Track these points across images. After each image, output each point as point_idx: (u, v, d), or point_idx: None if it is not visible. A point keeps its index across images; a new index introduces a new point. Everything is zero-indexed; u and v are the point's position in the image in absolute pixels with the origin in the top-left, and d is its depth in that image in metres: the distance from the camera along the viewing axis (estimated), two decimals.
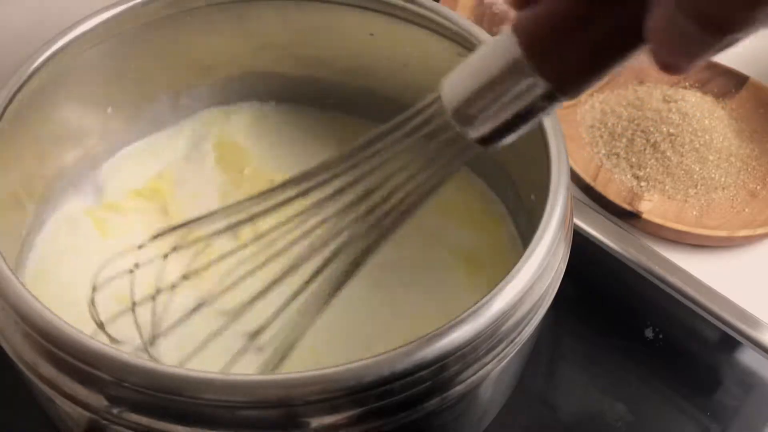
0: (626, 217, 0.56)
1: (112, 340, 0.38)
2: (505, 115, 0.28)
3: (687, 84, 0.65)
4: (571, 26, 0.25)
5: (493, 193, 0.52)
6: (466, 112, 0.28)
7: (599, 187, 0.57)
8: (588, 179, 0.57)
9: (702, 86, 0.65)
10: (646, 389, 0.50)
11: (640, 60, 0.28)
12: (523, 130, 0.28)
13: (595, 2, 0.24)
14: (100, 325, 0.38)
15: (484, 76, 0.27)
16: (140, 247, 0.36)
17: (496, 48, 0.27)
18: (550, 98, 0.26)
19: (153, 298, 0.37)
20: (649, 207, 0.56)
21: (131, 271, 0.37)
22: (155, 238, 0.36)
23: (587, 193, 0.58)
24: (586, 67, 0.26)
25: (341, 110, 0.57)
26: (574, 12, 0.25)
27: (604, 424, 0.48)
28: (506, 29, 0.27)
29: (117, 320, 0.38)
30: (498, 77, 0.27)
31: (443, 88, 0.29)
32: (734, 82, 0.65)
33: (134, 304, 0.37)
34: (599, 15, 0.24)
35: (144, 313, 0.37)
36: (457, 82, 0.28)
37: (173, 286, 0.37)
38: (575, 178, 0.58)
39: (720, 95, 0.64)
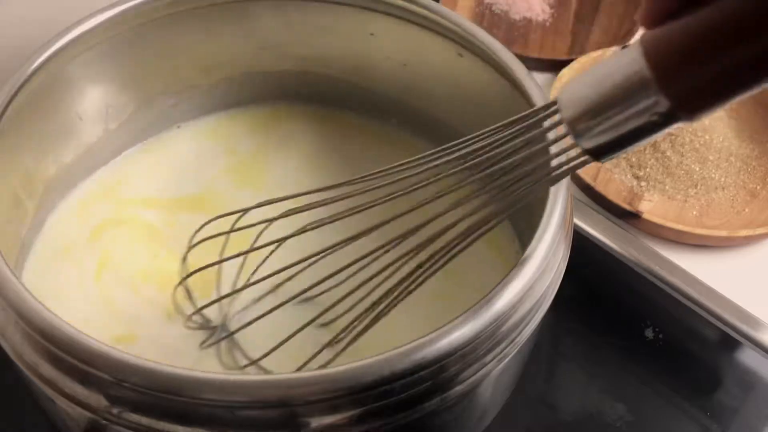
0: (626, 217, 0.56)
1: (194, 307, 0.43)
2: (622, 130, 0.27)
3: None
4: (708, 48, 0.24)
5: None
6: (582, 123, 0.28)
7: (599, 187, 0.57)
8: (588, 179, 0.57)
9: None
10: (646, 389, 0.50)
11: None
12: (638, 145, 0.28)
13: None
14: (183, 279, 0.43)
15: (606, 89, 0.27)
16: (246, 210, 0.41)
17: (622, 62, 0.27)
18: (672, 118, 0.26)
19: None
20: (649, 207, 0.56)
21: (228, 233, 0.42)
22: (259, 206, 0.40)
23: (587, 193, 0.58)
24: (716, 93, 0.25)
25: (342, 110, 0.57)
26: (732, 23, 0.24)
27: (604, 424, 0.48)
28: (634, 44, 0.26)
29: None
30: (621, 92, 0.27)
31: (562, 95, 0.29)
32: None
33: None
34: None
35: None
36: (577, 91, 0.28)
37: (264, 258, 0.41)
38: (575, 178, 0.58)
39: None
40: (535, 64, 0.67)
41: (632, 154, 0.58)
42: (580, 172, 0.57)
